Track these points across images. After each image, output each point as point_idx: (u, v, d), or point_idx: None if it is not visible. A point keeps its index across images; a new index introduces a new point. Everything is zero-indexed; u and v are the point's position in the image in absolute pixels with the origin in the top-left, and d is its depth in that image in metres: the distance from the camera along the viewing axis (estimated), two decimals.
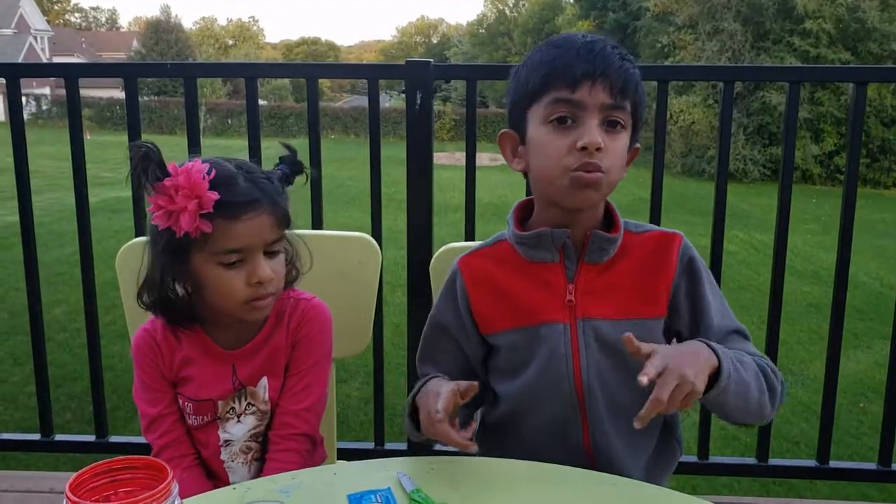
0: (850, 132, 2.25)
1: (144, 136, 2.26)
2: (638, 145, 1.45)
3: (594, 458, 1.42)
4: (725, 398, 1.26)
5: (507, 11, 59.28)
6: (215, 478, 1.53)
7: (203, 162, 1.37)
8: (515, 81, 1.44)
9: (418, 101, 2.16)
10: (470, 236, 2.32)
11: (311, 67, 2.20)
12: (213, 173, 1.34)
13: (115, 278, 1.71)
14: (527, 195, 1.61)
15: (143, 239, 1.70)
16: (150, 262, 1.45)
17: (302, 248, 1.55)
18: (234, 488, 1.22)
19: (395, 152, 2.37)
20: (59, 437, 2.59)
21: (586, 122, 1.33)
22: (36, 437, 2.58)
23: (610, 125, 1.34)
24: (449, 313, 1.50)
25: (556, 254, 1.42)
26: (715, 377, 1.24)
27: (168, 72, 2.33)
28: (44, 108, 35.95)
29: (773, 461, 2.47)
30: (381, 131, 2.35)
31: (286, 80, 49.45)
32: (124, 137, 2.11)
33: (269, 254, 1.43)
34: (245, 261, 1.39)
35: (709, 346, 1.26)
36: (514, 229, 1.47)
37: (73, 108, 2.29)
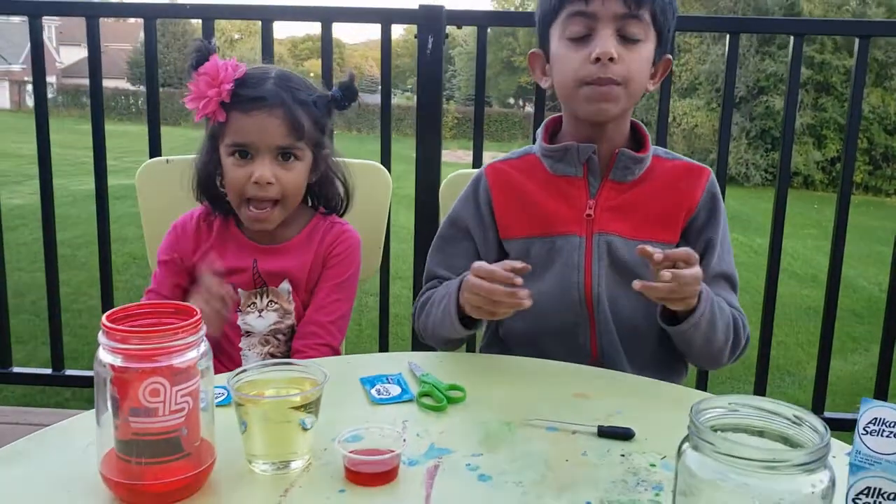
0: (851, 89, 2.28)
1: (145, 128, 2.35)
2: (669, 56, 1.48)
3: (600, 366, 1.46)
4: (693, 335, 1.34)
5: (513, 8, 59.23)
6: (231, 363, 1.59)
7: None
8: (541, 1, 1.47)
9: (430, 46, 2.21)
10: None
11: (327, 11, 2.24)
12: (242, 70, 1.42)
13: (117, 262, 1.78)
14: None
15: (160, 158, 1.77)
16: (199, 155, 1.57)
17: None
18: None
19: (397, 148, 2.41)
20: (69, 371, 2.64)
21: (600, 34, 1.36)
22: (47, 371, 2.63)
23: (628, 38, 1.37)
24: (469, 214, 1.53)
25: (581, 168, 1.46)
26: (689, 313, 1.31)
27: (186, 12, 2.39)
28: (49, 96, 35.92)
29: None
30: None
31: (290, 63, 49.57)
32: (128, 127, 2.21)
33: (284, 159, 1.49)
34: (254, 159, 1.47)
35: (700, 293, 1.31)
36: (542, 142, 1.51)
37: (93, 49, 2.34)
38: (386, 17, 2.25)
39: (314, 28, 2.35)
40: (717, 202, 1.49)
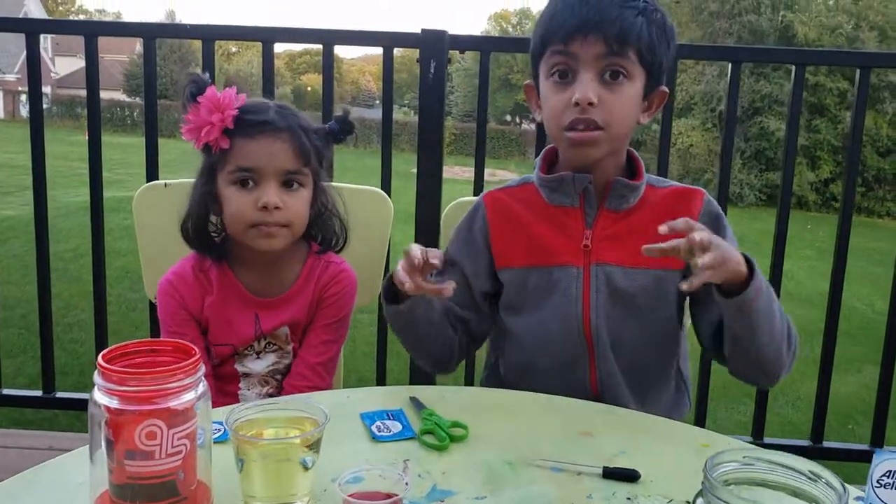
0: (853, 119, 2.28)
1: (142, 140, 2.34)
2: (664, 89, 1.46)
3: (600, 401, 1.44)
4: (758, 305, 1.24)
5: (510, 30, 59.56)
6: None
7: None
8: (532, 35, 1.47)
9: (432, 70, 2.19)
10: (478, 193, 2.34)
11: (328, 33, 2.23)
12: (243, 99, 1.40)
13: (109, 275, 1.75)
14: None
15: (159, 182, 1.75)
16: (192, 192, 1.51)
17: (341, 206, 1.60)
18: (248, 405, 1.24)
19: (394, 163, 2.40)
20: (60, 394, 2.60)
21: (581, 77, 1.34)
22: (38, 393, 2.60)
23: (612, 76, 1.35)
24: (461, 243, 1.52)
25: (577, 199, 1.45)
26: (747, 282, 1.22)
27: (186, 32, 2.37)
28: (43, 106, 35.86)
29: (768, 440, 2.54)
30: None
31: (287, 89, 49.82)
32: (122, 139, 2.19)
33: (287, 186, 1.46)
34: (258, 185, 1.44)
35: (745, 256, 1.24)
36: (539, 172, 1.50)
37: (91, 68, 2.31)
38: (388, 41, 2.25)
39: (311, 48, 2.33)
40: (719, 220, 1.46)
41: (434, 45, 2.20)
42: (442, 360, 1.53)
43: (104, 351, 0.88)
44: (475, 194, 2.33)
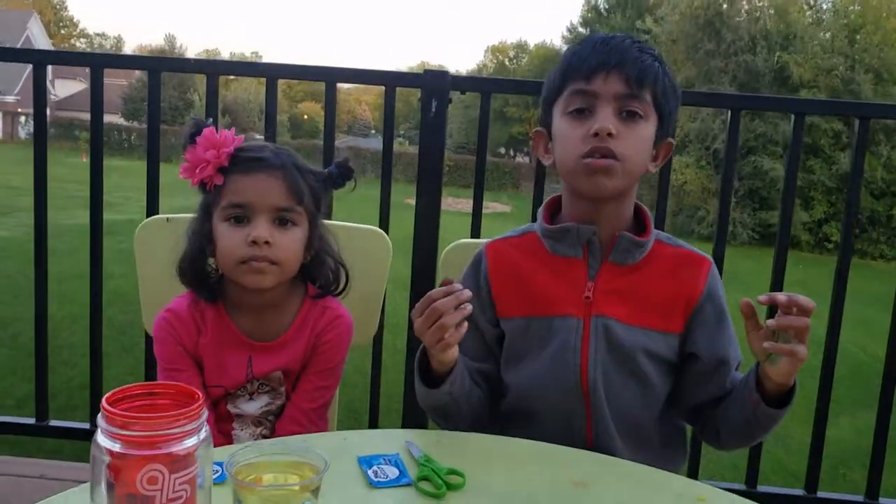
0: (852, 162, 2.30)
1: (139, 164, 2.34)
2: (671, 140, 1.49)
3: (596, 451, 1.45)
4: (783, 415, 1.35)
5: (507, 62, 60.01)
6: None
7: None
8: (546, 81, 1.49)
9: (433, 110, 2.21)
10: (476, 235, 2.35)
11: (331, 71, 2.25)
12: (240, 140, 1.42)
13: None
14: None
15: (160, 216, 1.75)
16: (188, 231, 1.52)
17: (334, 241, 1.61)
18: (246, 447, 1.24)
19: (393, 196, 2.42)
20: (53, 422, 2.62)
21: (600, 111, 1.37)
22: (31, 420, 2.60)
23: (628, 115, 1.38)
24: (473, 295, 1.52)
25: (581, 250, 1.45)
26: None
27: (191, 67, 2.38)
28: None
29: (762, 488, 2.54)
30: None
31: (284, 117, 49.99)
32: (121, 162, 2.20)
33: (281, 224, 1.47)
34: (250, 221, 1.44)
35: None
36: (543, 222, 1.51)
37: (95, 99, 2.33)
38: (391, 80, 2.26)
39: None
40: (721, 299, 1.49)
41: (436, 85, 2.23)
42: (480, 421, 1.51)
43: (108, 394, 0.88)
44: (472, 234, 2.35)
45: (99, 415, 0.85)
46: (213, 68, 2.30)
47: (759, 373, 1.35)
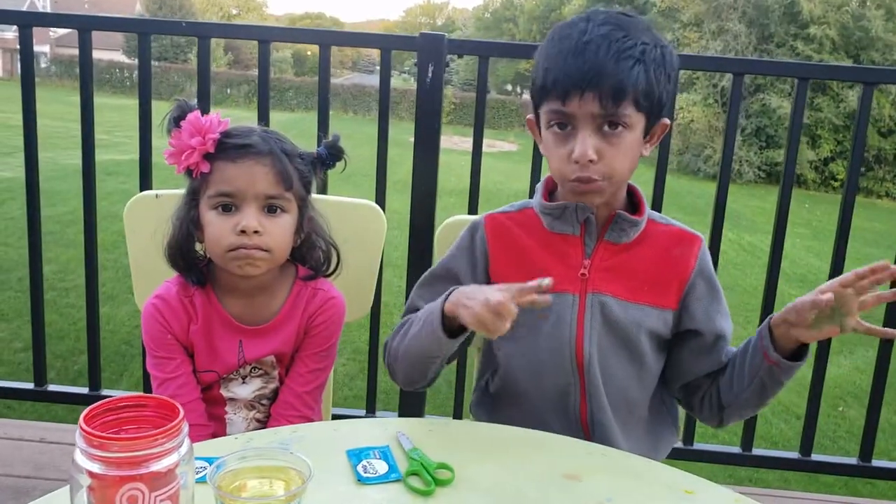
0: (855, 133, 2.26)
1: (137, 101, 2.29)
2: (667, 120, 1.45)
3: (590, 433, 1.45)
4: (801, 365, 1.39)
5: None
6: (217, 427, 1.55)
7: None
8: (532, 73, 1.45)
9: (430, 75, 2.17)
10: (474, 213, 2.32)
11: (325, 34, 2.19)
12: (226, 123, 1.38)
13: (105, 240, 1.73)
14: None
15: (150, 192, 1.73)
16: (175, 216, 1.49)
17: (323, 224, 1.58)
18: (237, 438, 1.23)
19: (393, 133, 2.37)
20: (52, 387, 2.60)
21: (579, 133, 1.34)
22: (29, 385, 2.60)
23: (610, 126, 1.34)
24: (463, 262, 1.51)
25: (578, 228, 1.45)
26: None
27: (183, 29, 2.30)
28: (42, 65, 35.63)
29: (756, 451, 2.55)
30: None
31: (287, 53, 49.38)
32: (121, 100, 2.16)
33: (270, 212, 1.44)
34: (239, 209, 1.42)
35: None
36: (541, 199, 1.49)
37: (84, 62, 2.28)
38: (386, 44, 2.21)
39: (315, 5, 2.30)
40: (712, 276, 1.50)
41: (432, 50, 2.17)
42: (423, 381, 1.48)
43: (87, 410, 0.87)
44: (471, 198, 2.33)
45: (77, 434, 0.84)
46: (205, 31, 2.24)
47: (774, 335, 1.37)
